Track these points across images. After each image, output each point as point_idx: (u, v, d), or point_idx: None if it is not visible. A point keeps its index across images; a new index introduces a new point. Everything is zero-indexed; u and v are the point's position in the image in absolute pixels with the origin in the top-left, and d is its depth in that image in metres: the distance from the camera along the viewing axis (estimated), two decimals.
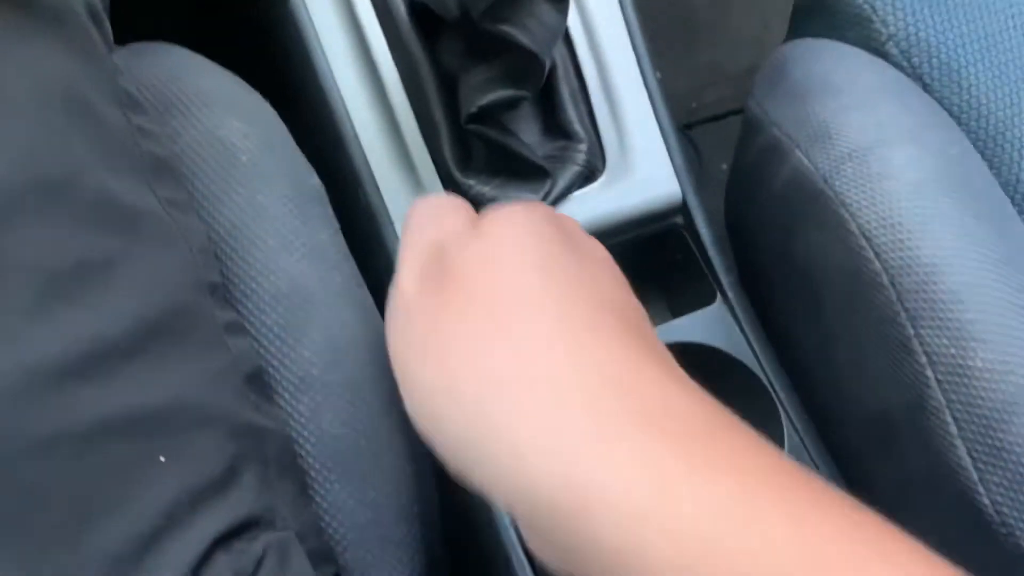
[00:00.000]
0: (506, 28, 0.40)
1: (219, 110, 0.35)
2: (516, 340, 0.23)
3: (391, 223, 0.46)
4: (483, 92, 0.43)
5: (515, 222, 0.27)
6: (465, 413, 0.23)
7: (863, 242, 0.40)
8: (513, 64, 0.43)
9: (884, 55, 0.48)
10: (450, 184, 0.46)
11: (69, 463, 0.25)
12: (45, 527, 0.24)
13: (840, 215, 0.41)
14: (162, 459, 0.27)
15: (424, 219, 0.31)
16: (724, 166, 0.96)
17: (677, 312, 0.50)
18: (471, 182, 0.46)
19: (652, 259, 0.52)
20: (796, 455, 0.48)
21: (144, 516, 0.26)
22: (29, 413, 0.24)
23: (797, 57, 0.48)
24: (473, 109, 0.43)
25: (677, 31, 1.03)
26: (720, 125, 0.99)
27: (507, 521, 0.42)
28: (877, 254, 0.39)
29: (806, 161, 0.43)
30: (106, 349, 0.26)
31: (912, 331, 0.38)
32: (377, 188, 0.46)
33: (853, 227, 0.40)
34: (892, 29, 0.47)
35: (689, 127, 1.00)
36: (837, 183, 0.41)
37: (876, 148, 0.41)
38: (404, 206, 0.46)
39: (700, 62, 1.02)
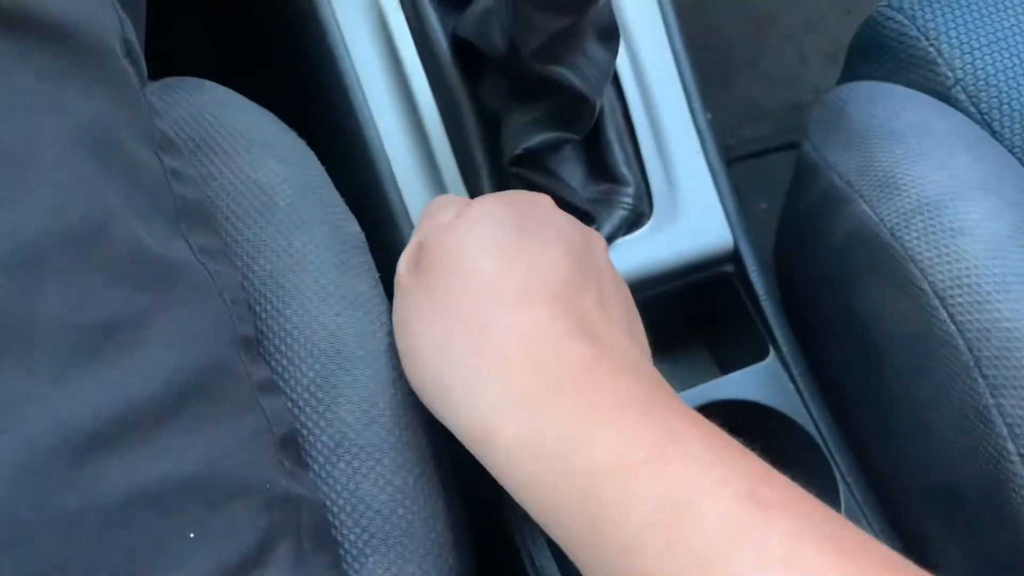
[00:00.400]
0: (558, 69, 0.38)
1: (256, 151, 0.33)
2: (466, 316, 0.30)
3: None
4: (528, 134, 0.41)
5: (479, 213, 0.33)
6: (429, 374, 0.31)
7: (935, 301, 0.37)
8: (561, 105, 0.40)
9: (949, 100, 0.45)
10: None
11: (95, 541, 0.23)
12: None
13: (909, 271, 0.38)
14: (192, 535, 0.24)
15: (425, 214, 0.37)
16: (763, 205, 0.94)
17: (726, 368, 0.47)
18: None
19: (700, 310, 0.49)
20: (853, 519, 0.45)
21: None
22: (54, 486, 0.22)
23: (856, 100, 0.46)
24: (518, 151, 0.41)
25: (714, 66, 1.01)
26: (759, 163, 0.96)
27: None
28: (951, 315, 0.37)
29: (870, 212, 0.41)
30: (137, 414, 0.24)
31: (991, 400, 0.35)
32: (413, 231, 0.44)
33: (924, 285, 0.37)
34: (959, 73, 0.44)
35: (728, 165, 0.98)
36: (906, 237, 0.39)
37: (949, 201, 0.38)
38: None
39: (737, 98, 1.00)
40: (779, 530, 0.23)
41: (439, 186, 0.44)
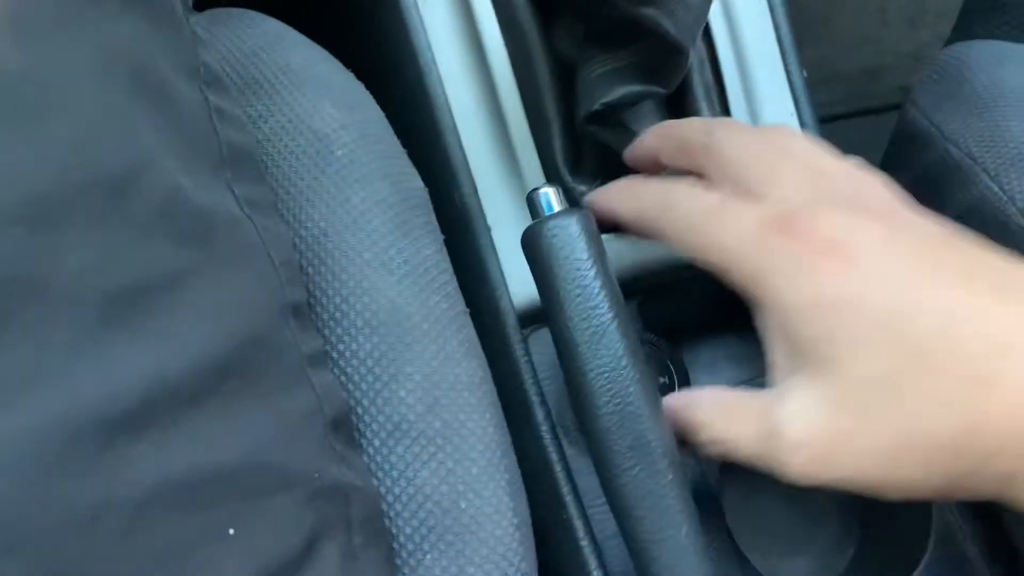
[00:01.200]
0: (648, 11, 0.33)
1: (312, 93, 0.29)
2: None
3: (487, 230, 0.40)
4: (609, 86, 0.37)
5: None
6: None
7: None
8: (648, 54, 0.36)
9: None
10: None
11: (115, 543, 0.20)
12: None
13: None
14: (231, 532, 0.21)
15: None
16: None
17: None
18: (583, 187, 0.40)
19: None
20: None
21: None
22: (67, 478, 0.19)
23: (979, 61, 0.41)
24: (596, 106, 0.36)
25: None
26: (828, 130, 0.90)
27: None
28: None
29: (996, 188, 0.36)
30: (167, 393, 0.21)
31: None
32: (475, 188, 0.40)
33: None
34: None
35: None
36: None
37: None
38: (505, 211, 0.40)
39: (807, 59, 0.93)
40: None
41: (504, 140, 0.40)
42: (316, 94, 0.30)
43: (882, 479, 0.25)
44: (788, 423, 0.26)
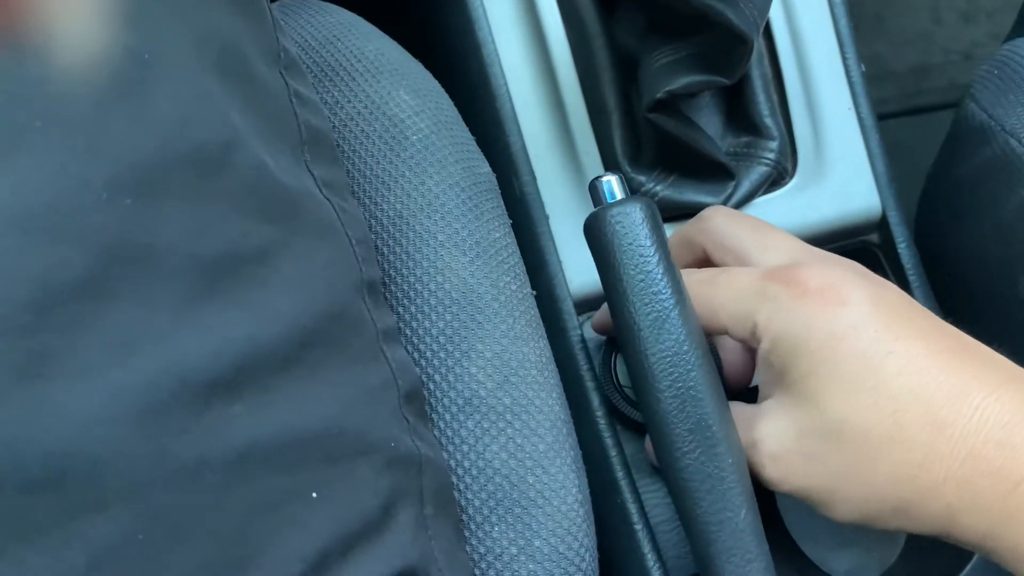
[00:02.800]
0: (714, 4, 0.34)
1: (386, 80, 0.30)
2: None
3: (546, 219, 0.40)
4: (671, 76, 0.37)
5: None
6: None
7: None
8: (710, 44, 0.36)
9: None
10: None
11: (214, 495, 0.21)
12: (180, 569, 0.20)
13: None
14: (314, 495, 0.22)
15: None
16: None
17: None
18: (642, 178, 0.40)
19: None
20: None
21: (291, 564, 0.21)
22: (172, 434, 0.20)
23: None
24: (660, 95, 0.37)
25: None
26: (881, 127, 0.89)
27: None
28: None
29: None
30: (259, 359, 0.22)
31: None
32: (534, 178, 0.41)
33: None
34: None
35: None
36: None
37: None
38: (563, 200, 0.41)
39: (861, 57, 0.92)
40: None
41: (564, 130, 0.41)
42: (391, 81, 0.31)
43: (835, 498, 0.29)
44: (765, 438, 0.30)
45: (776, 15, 0.42)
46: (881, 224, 0.43)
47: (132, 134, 0.21)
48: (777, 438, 0.29)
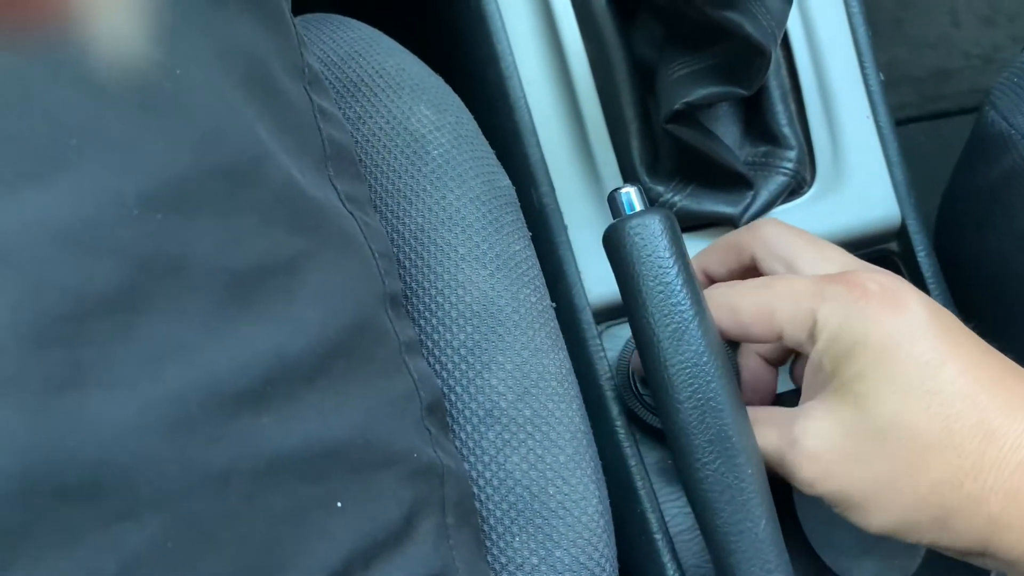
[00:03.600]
0: (731, 15, 0.34)
1: (407, 96, 0.31)
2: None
3: (565, 230, 0.41)
4: (689, 86, 0.37)
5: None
6: None
7: None
8: (728, 55, 0.37)
9: None
10: None
11: (242, 504, 0.21)
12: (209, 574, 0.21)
13: None
14: (339, 504, 0.22)
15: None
16: None
17: None
18: (660, 189, 0.41)
19: None
20: None
21: (317, 573, 0.22)
22: (203, 443, 0.21)
23: None
24: (678, 105, 0.37)
25: None
26: (900, 132, 0.89)
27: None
28: None
29: None
30: (287, 370, 0.22)
31: None
32: (552, 189, 0.41)
33: None
34: None
35: None
36: None
37: None
38: (582, 211, 0.41)
39: (879, 62, 0.92)
40: None
41: (583, 141, 0.41)
42: (411, 97, 0.31)
43: (873, 504, 0.28)
44: (805, 436, 0.29)
45: (794, 25, 0.43)
46: (900, 232, 0.43)
47: (164, 149, 0.22)
48: (819, 437, 0.29)
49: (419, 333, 0.29)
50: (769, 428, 0.31)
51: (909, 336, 0.28)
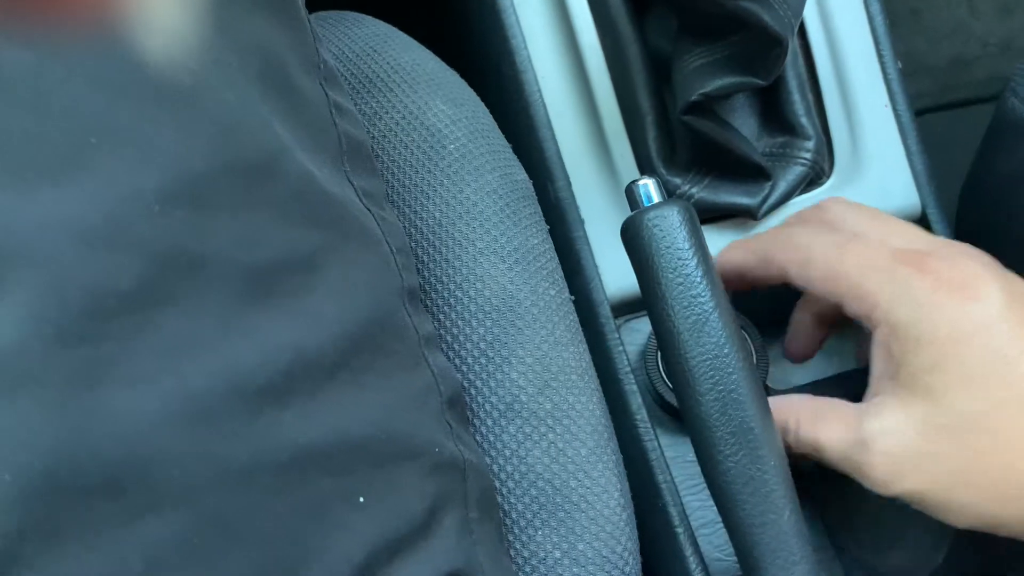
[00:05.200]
0: (747, 5, 0.34)
1: (422, 91, 0.31)
2: None
3: (581, 224, 0.41)
4: (706, 77, 0.37)
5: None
6: None
7: None
8: (745, 46, 0.36)
9: None
10: None
11: (265, 498, 0.21)
12: (233, 570, 0.21)
13: None
14: (361, 499, 0.22)
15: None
16: None
17: None
18: (677, 181, 0.40)
19: None
20: None
21: (340, 566, 0.22)
22: (224, 439, 0.21)
23: None
24: (695, 97, 0.37)
25: None
26: (918, 122, 0.88)
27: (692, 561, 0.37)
28: None
29: None
30: (307, 365, 0.22)
31: None
32: (568, 183, 0.41)
33: None
34: None
35: None
36: None
37: None
38: (598, 204, 0.41)
39: (897, 52, 0.91)
40: None
41: (599, 134, 0.41)
42: (427, 92, 0.31)
43: (954, 500, 0.27)
44: (879, 435, 0.28)
45: (811, 14, 0.42)
46: (921, 221, 0.42)
47: (182, 146, 0.22)
48: (895, 434, 0.28)
49: (438, 328, 0.29)
50: (835, 424, 0.30)
51: (983, 328, 0.27)
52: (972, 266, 0.28)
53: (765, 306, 0.44)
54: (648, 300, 0.32)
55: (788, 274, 0.31)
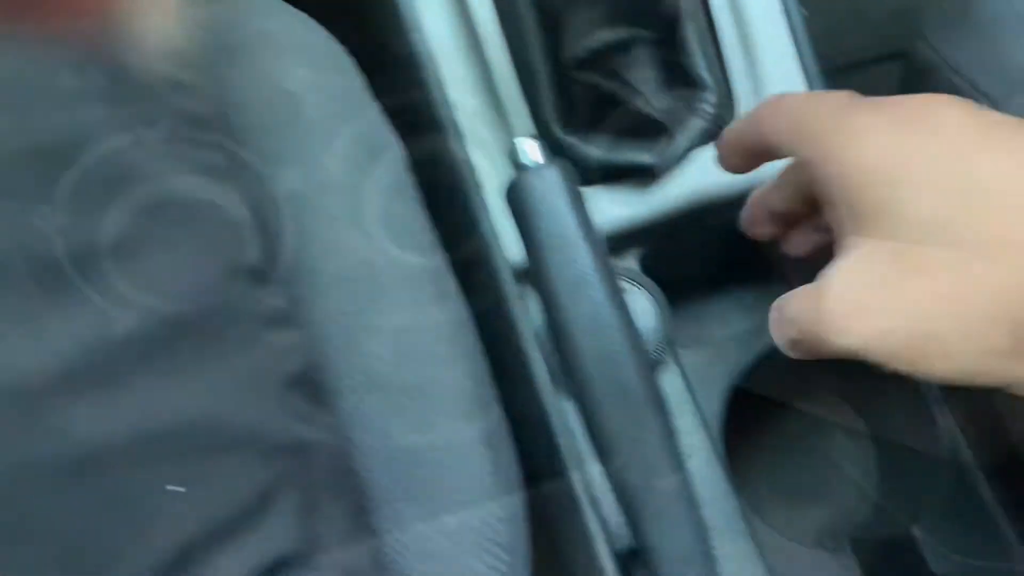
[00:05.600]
0: None
1: (287, 57, 0.30)
2: None
3: (477, 187, 0.39)
4: (594, 32, 0.36)
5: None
6: None
7: None
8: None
9: None
10: (549, 142, 0.39)
11: (60, 495, 0.20)
12: (28, 567, 0.20)
13: None
14: (179, 489, 0.22)
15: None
16: None
17: None
18: (574, 140, 0.39)
19: None
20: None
21: (152, 556, 0.21)
22: (11, 437, 0.20)
23: None
24: (580, 53, 0.36)
25: None
26: (858, 75, 0.87)
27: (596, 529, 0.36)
28: None
29: None
30: (109, 355, 0.21)
31: None
32: (463, 145, 0.39)
33: None
34: None
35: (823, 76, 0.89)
36: None
37: None
38: (494, 166, 0.39)
39: (839, 5, 0.90)
40: None
41: (491, 92, 0.40)
42: (291, 58, 0.30)
43: (932, 343, 0.23)
44: (836, 275, 0.25)
45: None
46: None
47: None
48: (851, 271, 0.24)
49: (295, 302, 0.28)
50: (794, 299, 0.27)
51: (939, 155, 0.23)
52: (928, 100, 0.26)
53: (679, 270, 0.44)
54: (531, 261, 0.31)
55: (763, 128, 0.29)
